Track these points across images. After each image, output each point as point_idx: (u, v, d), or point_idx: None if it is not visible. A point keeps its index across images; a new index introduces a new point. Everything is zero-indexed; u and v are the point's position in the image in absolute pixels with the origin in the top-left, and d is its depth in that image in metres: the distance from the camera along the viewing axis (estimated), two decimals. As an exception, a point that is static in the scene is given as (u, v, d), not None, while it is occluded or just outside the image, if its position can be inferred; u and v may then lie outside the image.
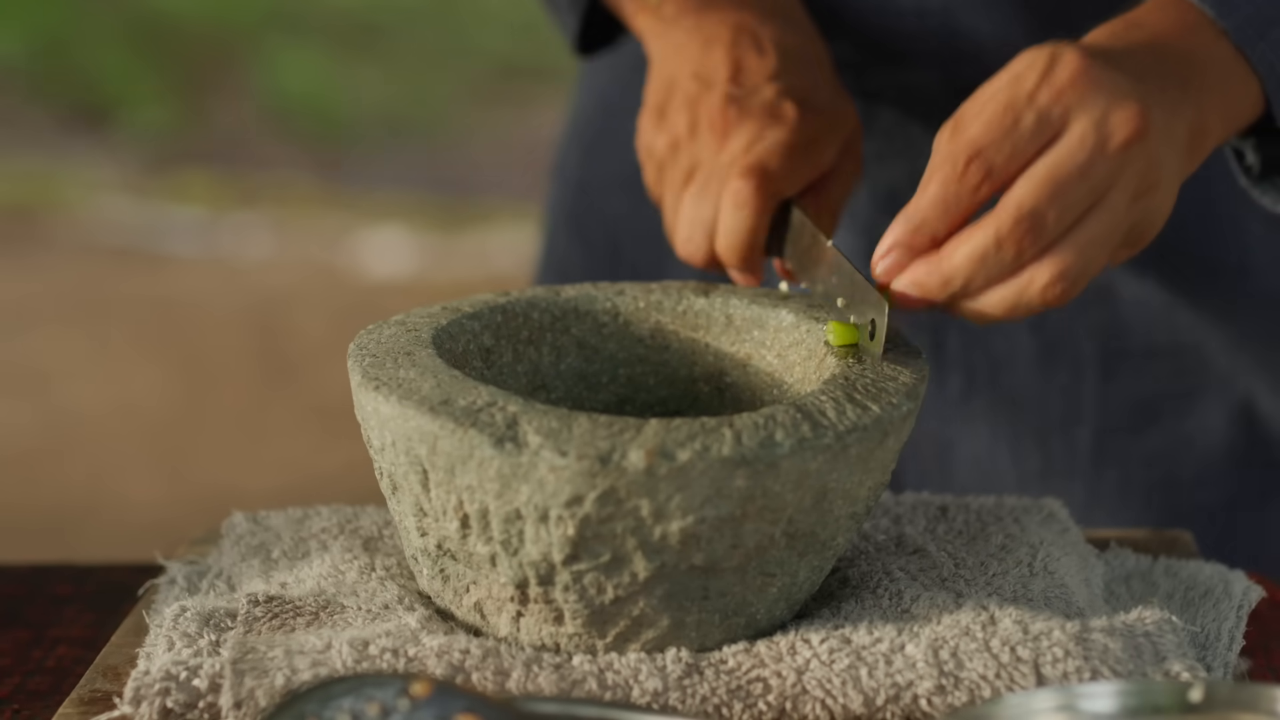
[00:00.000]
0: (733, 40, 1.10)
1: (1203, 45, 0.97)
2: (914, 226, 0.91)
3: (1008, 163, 0.90)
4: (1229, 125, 0.98)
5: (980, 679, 0.84)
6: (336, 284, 4.08)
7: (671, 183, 1.08)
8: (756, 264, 1.05)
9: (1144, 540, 1.06)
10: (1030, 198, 0.89)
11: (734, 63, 1.09)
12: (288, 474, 3.24)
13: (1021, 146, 0.90)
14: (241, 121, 4.72)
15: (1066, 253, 0.90)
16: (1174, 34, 0.97)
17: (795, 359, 0.97)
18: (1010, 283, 0.91)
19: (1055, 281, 0.90)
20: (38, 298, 3.95)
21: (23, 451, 3.33)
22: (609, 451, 0.83)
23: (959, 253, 0.90)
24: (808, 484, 0.85)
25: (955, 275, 0.90)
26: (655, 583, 0.86)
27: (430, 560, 0.89)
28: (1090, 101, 0.90)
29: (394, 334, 0.93)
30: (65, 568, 1.08)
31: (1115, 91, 0.90)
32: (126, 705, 0.85)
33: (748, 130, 1.05)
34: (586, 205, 1.36)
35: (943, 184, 0.90)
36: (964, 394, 1.26)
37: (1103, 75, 0.90)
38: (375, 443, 0.89)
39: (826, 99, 1.09)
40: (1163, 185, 0.92)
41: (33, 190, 4.46)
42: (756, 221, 1.03)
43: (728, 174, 1.03)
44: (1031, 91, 0.90)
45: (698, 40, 1.10)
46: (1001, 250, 0.89)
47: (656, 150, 1.09)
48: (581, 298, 1.00)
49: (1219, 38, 0.97)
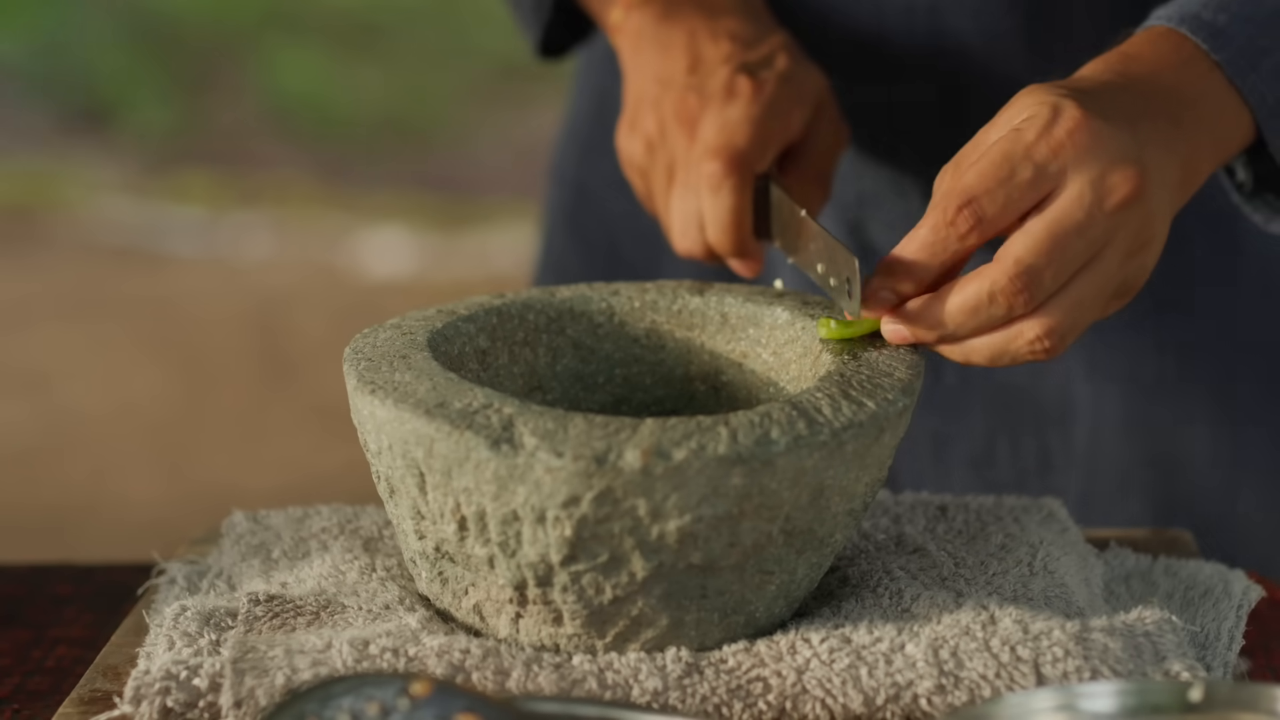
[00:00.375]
0: (688, 41, 1.11)
1: (1196, 78, 0.97)
2: (902, 268, 0.91)
3: (1000, 214, 0.90)
4: (1219, 158, 0.98)
5: (980, 678, 0.85)
6: (336, 284, 4.08)
7: (657, 188, 1.09)
8: (751, 247, 1.06)
9: (1144, 540, 1.06)
10: (1029, 254, 0.89)
11: (691, 58, 1.10)
12: (288, 474, 3.23)
13: (1015, 198, 0.90)
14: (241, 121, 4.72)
15: (1056, 311, 0.90)
16: (1167, 68, 0.97)
17: (790, 357, 0.97)
18: (999, 333, 0.91)
19: (1043, 337, 0.90)
20: (38, 298, 3.95)
21: (23, 451, 3.33)
22: (605, 452, 0.83)
23: (952, 301, 0.90)
24: (804, 481, 0.85)
25: (946, 322, 0.91)
26: (653, 582, 0.86)
27: (429, 563, 0.89)
28: (1089, 159, 0.90)
29: (389, 337, 0.93)
30: (65, 568, 1.08)
31: (1113, 150, 0.90)
32: (126, 705, 0.85)
33: (711, 115, 1.07)
34: (584, 205, 1.36)
35: (932, 228, 0.90)
36: (961, 388, 1.26)
37: (1102, 132, 0.90)
38: (372, 446, 0.89)
39: (784, 67, 1.09)
40: (1157, 239, 0.93)
41: (33, 190, 4.46)
42: (736, 200, 1.04)
43: (700, 161, 1.04)
44: (1030, 145, 0.90)
45: (657, 49, 1.12)
46: (994, 304, 0.90)
47: (636, 159, 1.10)
48: (577, 298, 1.00)
49: (1212, 70, 0.97)
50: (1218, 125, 0.97)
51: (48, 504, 3.14)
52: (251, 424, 3.45)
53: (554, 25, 1.26)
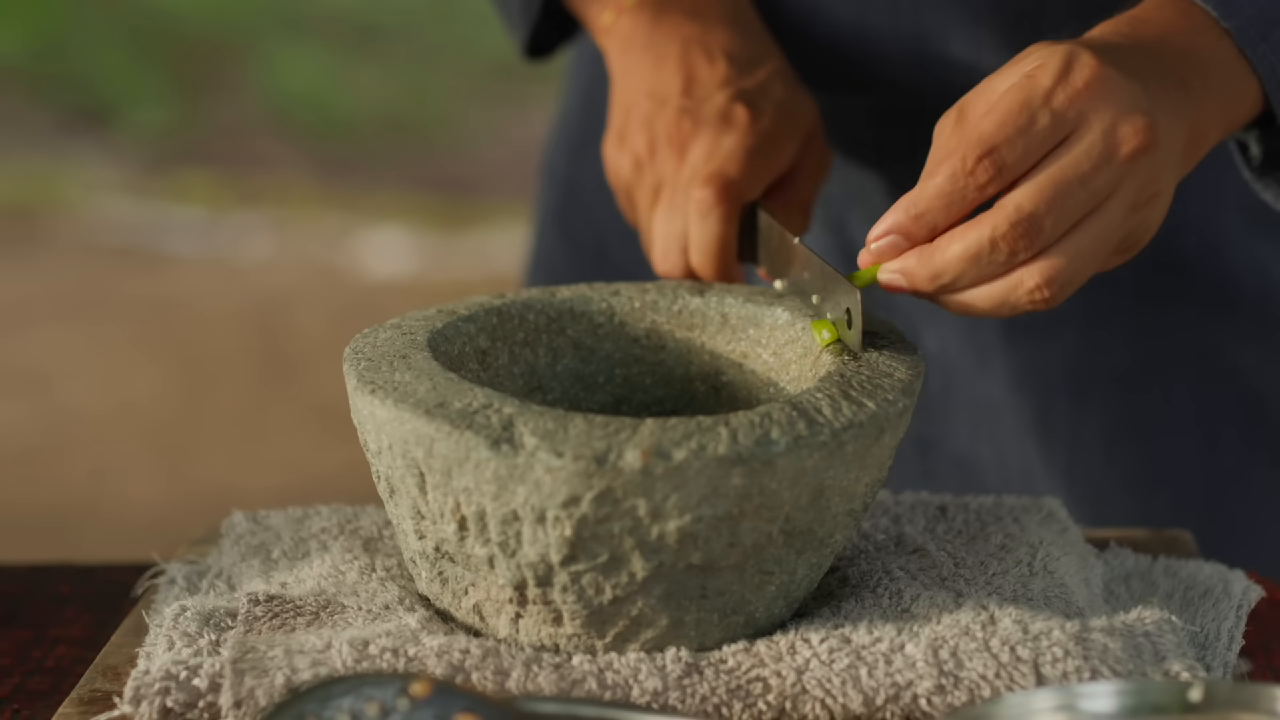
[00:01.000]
0: (682, 54, 1.10)
1: (1205, 45, 0.96)
2: (915, 215, 0.90)
3: (1019, 162, 0.89)
4: (1226, 127, 0.97)
5: (980, 679, 0.84)
6: (336, 284, 4.08)
7: (642, 204, 1.09)
8: (734, 273, 1.05)
9: (1143, 540, 1.06)
10: (1030, 201, 0.89)
11: (685, 76, 1.09)
12: (288, 474, 3.23)
13: (1034, 147, 0.89)
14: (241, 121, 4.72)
15: (1058, 258, 0.90)
16: (1177, 33, 0.96)
17: (791, 357, 0.97)
18: (999, 282, 0.90)
19: (1044, 285, 0.90)
20: (38, 298, 3.95)
21: (23, 451, 3.32)
22: (605, 452, 0.83)
23: (951, 249, 0.90)
24: (804, 481, 0.85)
25: (945, 270, 0.90)
26: (653, 582, 0.86)
27: (429, 563, 0.89)
28: (1103, 108, 0.89)
29: (389, 337, 0.93)
30: (65, 568, 1.08)
31: (1127, 100, 0.90)
32: (126, 705, 0.85)
33: (704, 140, 1.06)
34: (574, 206, 1.36)
35: (950, 178, 0.89)
36: (943, 392, 1.26)
37: (1118, 82, 0.90)
38: (372, 446, 0.89)
39: (780, 96, 1.09)
40: (1162, 195, 0.92)
41: (33, 190, 4.46)
42: (723, 229, 1.03)
43: (690, 186, 1.04)
44: (1048, 91, 0.89)
45: (649, 59, 1.11)
46: (995, 251, 0.89)
47: (623, 174, 1.10)
48: (577, 299, 1.00)
49: (1221, 38, 0.97)
50: (1225, 93, 0.97)
51: (48, 504, 3.14)
52: (251, 424, 3.45)
53: (542, 26, 1.25)
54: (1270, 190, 1.04)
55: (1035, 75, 0.90)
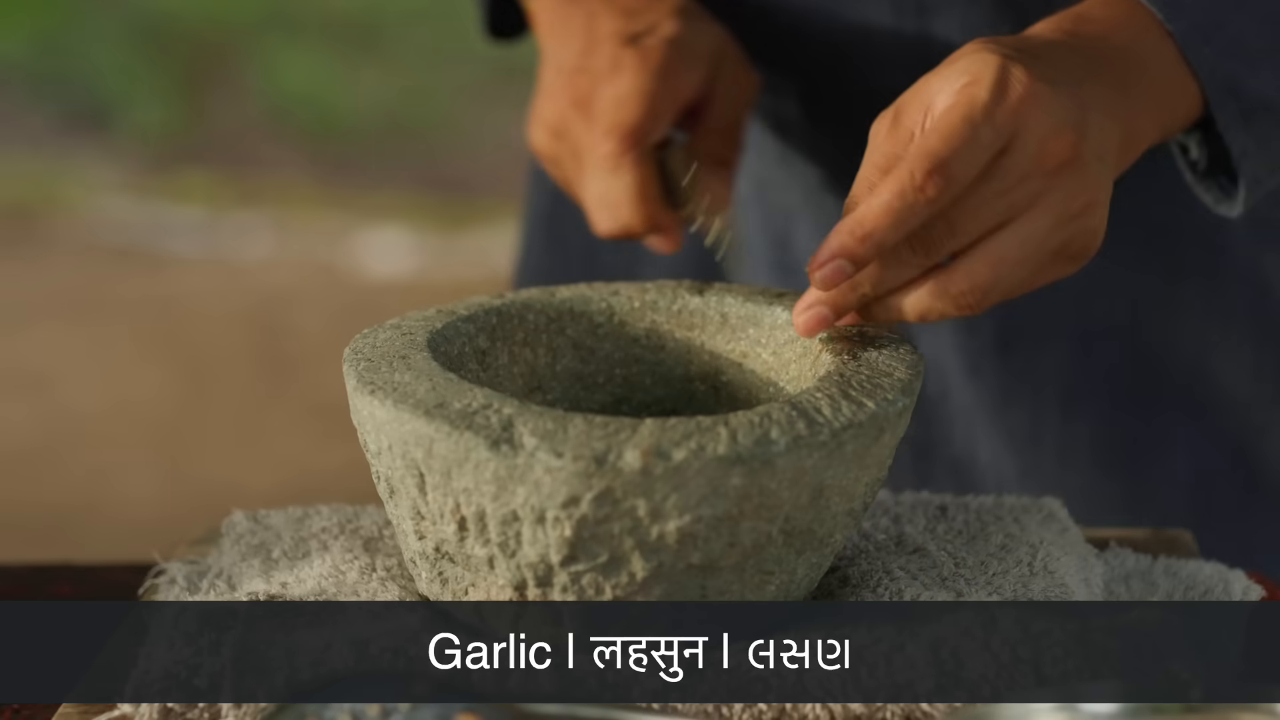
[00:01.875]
0: (585, 24, 1.10)
1: (1148, 46, 0.96)
2: (861, 235, 0.88)
3: (966, 176, 0.88)
4: (1164, 129, 0.98)
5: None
6: (336, 284, 4.08)
7: (571, 175, 1.09)
8: (663, 221, 1.05)
9: (1144, 540, 1.06)
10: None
11: (583, 41, 1.09)
12: (287, 473, 3.24)
13: (979, 161, 0.89)
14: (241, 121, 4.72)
15: (977, 263, 0.90)
16: (1119, 32, 0.96)
17: (790, 356, 0.97)
18: (923, 288, 0.90)
19: (967, 292, 0.90)
20: (38, 298, 3.95)
21: (23, 451, 3.33)
22: (605, 452, 0.83)
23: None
24: (804, 481, 0.85)
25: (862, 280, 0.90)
26: (653, 582, 0.86)
27: (429, 563, 0.89)
28: (1033, 123, 0.89)
29: (389, 338, 0.93)
30: (65, 568, 1.08)
31: (1058, 113, 0.90)
32: (126, 705, 0.85)
33: (600, 94, 1.06)
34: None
35: (899, 194, 0.87)
36: (940, 396, 1.26)
37: (1049, 96, 0.90)
38: (372, 447, 0.89)
39: (670, 31, 1.08)
40: (1098, 202, 0.92)
41: (33, 190, 4.46)
42: (634, 176, 1.04)
43: (597, 144, 1.04)
44: (988, 106, 0.89)
45: (558, 36, 1.12)
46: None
47: (546, 150, 1.10)
48: (576, 299, 1.00)
49: (1164, 39, 0.97)
50: (1165, 95, 0.97)
51: (48, 504, 3.14)
52: (251, 424, 3.45)
53: (500, 6, 1.25)
54: (1211, 193, 1.04)
55: (973, 90, 0.89)
